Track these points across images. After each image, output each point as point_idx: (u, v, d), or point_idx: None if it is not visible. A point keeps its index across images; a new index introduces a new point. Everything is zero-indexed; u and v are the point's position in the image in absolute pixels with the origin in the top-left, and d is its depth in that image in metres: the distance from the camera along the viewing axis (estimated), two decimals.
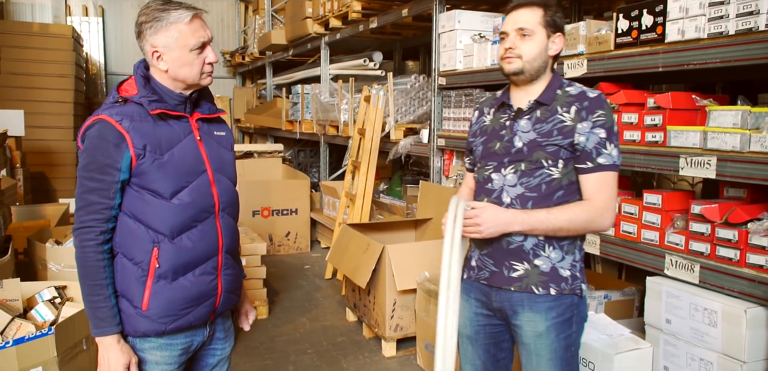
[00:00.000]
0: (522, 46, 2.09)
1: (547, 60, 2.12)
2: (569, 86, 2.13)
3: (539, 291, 2.12)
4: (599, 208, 2.06)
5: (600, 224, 2.09)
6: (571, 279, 2.14)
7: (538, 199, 2.10)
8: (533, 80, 2.13)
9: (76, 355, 2.93)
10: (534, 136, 2.10)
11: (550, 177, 2.09)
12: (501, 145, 2.17)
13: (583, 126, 2.04)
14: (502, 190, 2.15)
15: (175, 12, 1.89)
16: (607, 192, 2.07)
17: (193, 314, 1.99)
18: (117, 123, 1.85)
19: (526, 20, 2.09)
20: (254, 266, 5.03)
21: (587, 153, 2.05)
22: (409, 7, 5.56)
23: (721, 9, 2.66)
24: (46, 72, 8.64)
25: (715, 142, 2.68)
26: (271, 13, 10.22)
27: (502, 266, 2.16)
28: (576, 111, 2.06)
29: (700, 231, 2.81)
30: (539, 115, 2.11)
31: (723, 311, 2.63)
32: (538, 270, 2.12)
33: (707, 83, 4.20)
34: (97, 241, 1.87)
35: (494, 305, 2.23)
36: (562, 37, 2.15)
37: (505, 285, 2.16)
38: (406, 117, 6.08)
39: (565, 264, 2.13)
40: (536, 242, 2.11)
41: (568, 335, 2.16)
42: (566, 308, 2.14)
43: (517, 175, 2.12)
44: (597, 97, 2.08)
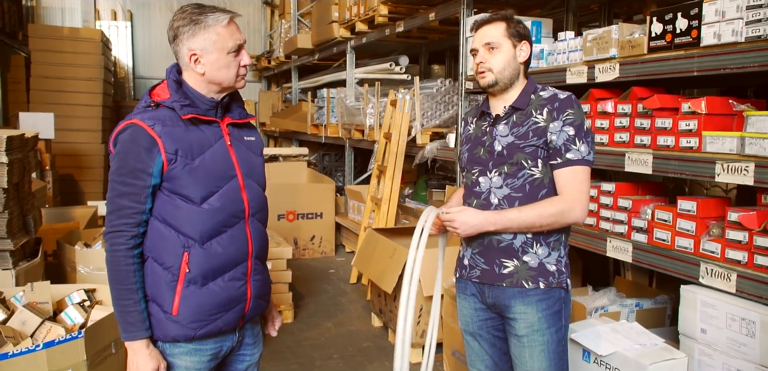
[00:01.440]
0: (491, 59, 2.24)
1: (517, 67, 2.27)
2: (542, 91, 2.28)
3: (529, 285, 2.24)
4: (568, 201, 2.18)
5: (570, 217, 2.20)
6: (557, 273, 2.27)
7: (523, 199, 2.23)
8: (507, 88, 2.28)
9: (105, 359, 2.94)
10: (512, 139, 2.24)
11: (532, 176, 2.22)
12: (484, 150, 2.31)
13: (555, 125, 2.18)
14: (490, 192, 2.29)
15: (212, 15, 1.90)
16: (576, 185, 2.19)
17: (223, 319, 1.98)
18: (149, 127, 1.86)
19: (492, 34, 2.25)
20: (280, 270, 5.03)
21: (557, 149, 2.19)
22: (436, 10, 5.53)
23: (759, 12, 2.60)
24: (76, 75, 8.76)
25: (754, 148, 2.61)
26: (297, 17, 10.26)
27: (493, 264, 2.28)
28: (548, 112, 2.20)
29: (737, 239, 2.74)
30: (515, 119, 2.25)
31: (761, 321, 2.56)
32: (526, 265, 2.24)
33: (739, 87, 4.12)
34: (127, 245, 1.87)
35: (488, 301, 2.35)
36: (529, 44, 2.29)
37: (497, 282, 2.28)
38: (432, 121, 6.05)
39: (551, 259, 2.26)
40: (525, 240, 2.24)
41: (559, 328, 2.29)
42: (555, 301, 2.27)
43: (502, 177, 2.25)
44: (567, 98, 2.22)
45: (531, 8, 5.39)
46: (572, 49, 3.72)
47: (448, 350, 4.02)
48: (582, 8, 5.22)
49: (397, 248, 4.31)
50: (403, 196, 7.12)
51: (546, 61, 4.02)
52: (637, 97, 3.22)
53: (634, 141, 3.20)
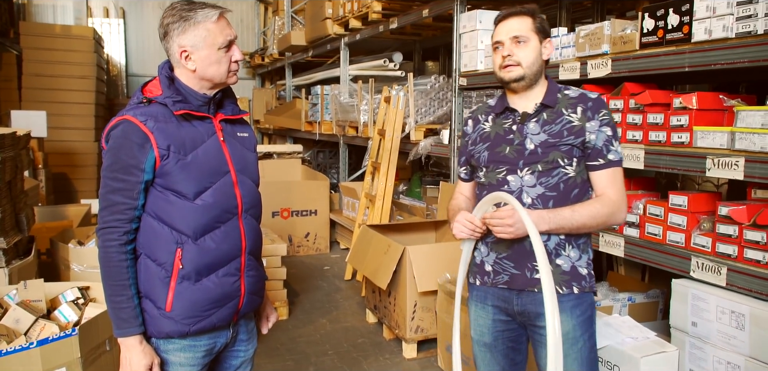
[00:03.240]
0: (519, 53, 2.15)
1: (542, 64, 2.19)
2: (567, 89, 2.21)
3: (563, 290, 2.15)
4: (616, 202, 2.13)
5: (618, 218, 2.16)
6: (588, 277, 2.20)
7: (557, 198, 2.14)
8: (532, 85, 2.18)
9: (100, 356, 2.94)
10: (545, 137, 2.15)
11: (566, 176, 2.14)
12: (511, 148, 2.20)
13: (592, 125, 2.12)
14: (522, 191, 2.17)
15: (202, 11, 1.90)
16: (619, 186, 2.15)
17: (217, 315, 1.99)
18: (141, 123, 1.86)
19: (519, 28, 2.16)
20: (275, 267, 5.03)
21: (598, 150, 2.13)
22: (429, 7, 5.53)
23: (749, 8, 2.61)
24: (68, 73, 8.73)
25: (743, 143, 2.63)
26: (290, 14, 10.24)
27: (524, 268, 2.17)
28: (582, 111, 2.14)
29: (727, 233, 2.76)
30: (546, 117, 2.16)
31: (751, 314, 2.58)
32: (560, 269, 2.16)
33: (731, 83, 4.14)
34: (120, 242, 1.87)
35: (515, 309, 2.22)
36: (551, 43, 2.22)
37: (529, 287, 2.17)
38: (426, 118, 6.06)
39: (582, 262, 2.19)
40: (558, 242, 2.15)
41: (591, 334, 2.21)
42: (587, 306, 2.20)
43: (535, 176, 2.15)
44: (598, 98, 2.16)
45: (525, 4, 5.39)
46: (565, 45, 3.73)
47: (442, 345, 4.03)
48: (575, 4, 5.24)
49: (391, 244, 4.33)
50: (397, 193, 7.13)
51: None
52: (629, 93, 3.24)
53: (626, 136, 3.22)
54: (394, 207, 6.50)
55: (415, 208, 6.27)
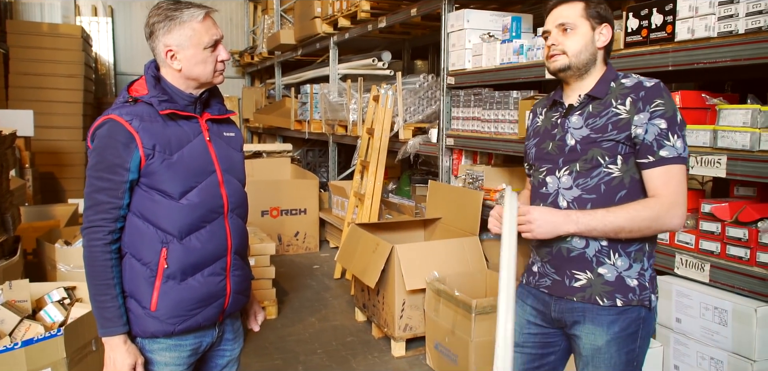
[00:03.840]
0: (565, 41, 2.00)
1: (594, 53, 2.02)
2: (625, 78, 2.01)
3: (604, 303, 1.98)
4: (665, 204, 1.89)
5: (667, 222, 1.92)
6: (639, 289, 1.99)
7: (597, 201, 1.97)
8: (582, 75, 2.03)
9: (86, 356, 2.94)
10: (587, 132, 1.98)
11: (609, 175, 1.96)
12: (553, 144, 2.07)
13: (641, 117, 1.90)
14: (558, 194, 2.04)
15: (188, 10, 1.90)
16: (673, 186, 1.90)
17: (202, 315, 1.99)
18: (127, 122, 1.86)
19: (567, 15, 2.01)
20: (263, 266, 5.03)
21: (647, 146, 1.91)
22: (417, 6, 5.55)
23: (730, 8, 2.65)
24: (56, 72, 8.67)
25: (726, 141, 2.66)
26: (280, 13, 10.23)
27: (564, 275, 2.05)
28: (632, 102, 1.93)
29: (710, 230, 2.79)
30: (591, 109, 2.00)
31: (733, 310, 2.61)
32: (602, 279, 1.99)
33: (717, 82, 4.17)
34: (105, 241, 1.87)
35: (552, 315, 2.12)
36: (610, 28, 2.03)
37: (567, 295, 2.04)
38: (415, 116, 6.07)
39: (632, 272, 1.99)
40: (599, 248, 1.98)
41: (631, 350, 2.01)
42: (631, 321, 1.99)
43: (573, 177, 2.00)
44: (655, 86, 1.94)
45: (512, 4, 5.42)
46: None
47: (430, 343, 4.05)
48: None
49: (380, 243, 4.34)
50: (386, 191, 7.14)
51: (526, 56, 4.06)
52: None
53: None
54: (383, 205, 6.51)
55: (404, 207, 6.28)
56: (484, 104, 4.56)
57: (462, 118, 4.88)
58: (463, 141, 4.84)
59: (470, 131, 4.76)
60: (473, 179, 4.84)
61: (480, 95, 4.63)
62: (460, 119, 4.90)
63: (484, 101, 4.57)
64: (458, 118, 4.93)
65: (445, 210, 5.01)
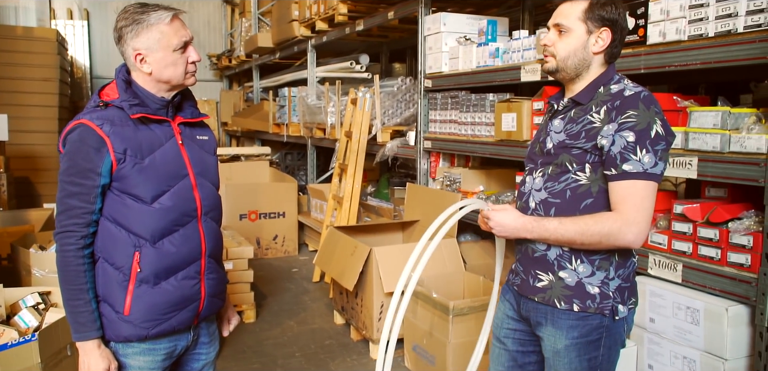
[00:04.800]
0: (556, 44, 1.98)
1: (587, 58, 1.96)
2: (615, 83, 1.96)
3: (562, 306, 1.98)
4: (620, 221, 1.84)
5: (620, 239, 1.86)
6: (600, 297, 1.96)
7: (561, 206, 1.97)
8: (574, 79, 2.00)
9: (60, 361, 2.91)
10: (563, 137, 1.97)
11: (576, 182, 1.95)
12: (539, 146, 2.09)
13: (609, 128, 1.86)
14: (530, 195, 2.07)
15: (155, 13, 1.90)
16: (632, 202, 1.84)
17: (177, 318, 1.99)
18: (98, 127, 1.85)
19: (566, 14, 1.96)
20: (241, 270, 5.01)
21: (612, 158, 1.86)
22: (395, 9, 5.56)
23: (700, 11, 2.69)
24: (31, 76, 8.57)
25: (697, 143, 2.71)
26: (257, 16, 10.21)
27: (529, 274, 2.08)
28: (606, 111, 1.89)
29: (682, 230, 2.83)
30: (573, 115, 1.98)
31: (705, 309, 2.65)
32: (562, 282, 1.99)
33: (690, 84, 4.24)
34: (77, 246, 1.87)
35: (522, 313, 2.15)
36: (611, 32, 1.95)
37: (531, 295, 2.07)
38: (393, 119, 6.09)
39: (594, 280, 1.96)
40: (560, 253, 1.98)
41: (593, 357, 2.00)
42: (592, 329, 1.97)
43: (544, 179, 2.02)
44: (632, 96, 1.88)
45: (488, 7, 5.46)
46: (526, 47, 3.79)
47: (408, 345, 4.06)
48: (538, 7, 5.30)
49: (357, 245, 4.34)
50: (364, 194, 7.14)
51: (501, 59, 4.09)
52: None
53: None
54: (362, 208, 6.52)
55: (383, 209, 6.29)
56: (461, 107, 4.59)
57: (439, 121, 4.90)
58: (441, 143, 4.86)
59: (447, 134, 4.79)
60: (451, 181, 4.86)
61: (457, 98, 4.66)
62: (438, 122, 4.92)
63: (461, 104, 4.59)
64: (436, 120, 4.96)
65: (424, 212, 5.03)
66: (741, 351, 2.60)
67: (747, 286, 2.52)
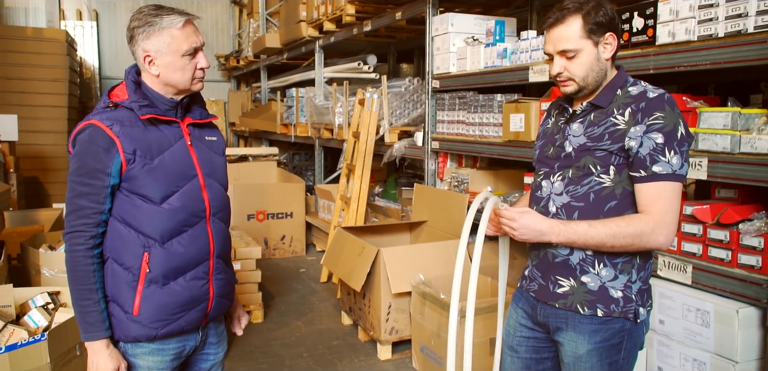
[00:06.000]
0: (571, 67, 1.94)
1: (603, 67, 1.95)
2: (632, 86, 1.96)
3: (585, 311, 1.97)
4: (650, 222, 1.85)
5: (652, 241, 1.87)
6: (623, 301, 1.95)
7: (585, 210, 1.95)
8: (595, 90, 1.98)
9: (70, 361, 2.92)
10: (584, 140, 1.95)
11: (600, 185, 1.93)
12: (554, 149, 2.06)
13: (636, 130, 1.85)
14: (549, 199, 2.03)
15: (168, 17, 1.90)
16: (663, 204, 1.85)
17: (185, 318, 1.99)
18: (107, 128, 1.86)
19: (567, 37, 1.93)
20: (249, 270, 5.02)
21: (641, 160, 1.86)
22: (402, 10, 5.56)
23: (710, 11, 2.68)
24: (40, 76, 8.62)
25: (706, 144, 2.69)
26: (265, 17, 10.22)
27: (549, 280, 2.05)
28: (631, 113, 1.88)
29: (692, 232, 2.82)
30: (593, 118, 1.96)
31: (715, 311, 2.64)
32: (584, 287, 1.97)
33: (699, 84, 4.22)
34: (86, 246, 1.87)
35: (539, 319, 2.12)
36: (614, 35, 1.95)
37: (551, 301, 2.04)
38: (401, 120, 6.08)
39: (617, 283, 1.95)
40: (584, 257, 1.96)
41: (614, 361, 1.99)
42: (615, 333, 1.96)
43: (564, 183, 1.99)
44: (657, 98, 1.88)
45: (496, 7, 5.45)
46: (535, 47, 3.78)
47: (416, 346, 4.06)
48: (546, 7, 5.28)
49: (365, 246, 4.34)
50: (372, 195, 7.14)
51: (510, 60, 4.08)
52: None
53: None
54: (370, 209, 6.52)
55: (390, 210, 6.29)
56: (468, 107, 4.58)
57: (447, 122, 4.90)
58: (449, 144, 4.86)
59: (455, 134, 4.78)
60: (458, 182, 4.86)
61: (465, 98, 4.65)
62: (445, 122, 4.92)
63: (468, 104, 4.59)
64: (443, 121, 4.95)
65: (431, 213, 5.02)
66: (752, 353, 2.58)
67: (758, 288, 2.50)
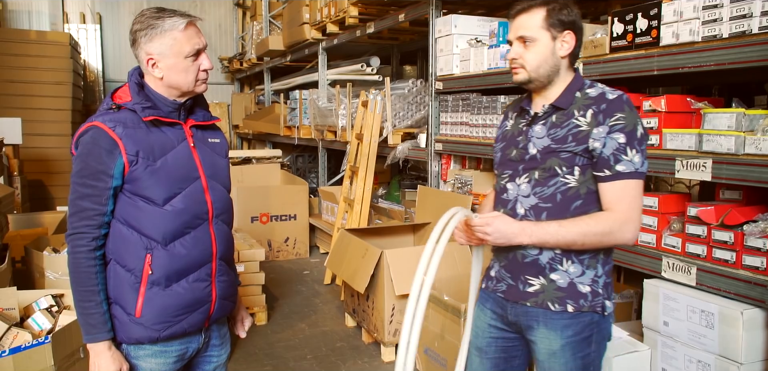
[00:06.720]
0: (525, 55, 2.00)
1: (557, 63, 2.00)
2: (590, 88, 2.01)
3: (555, 308, 2.01)
4: (618, 220, 1.92)
5: (619, 237, 1.94)
6: (591, 295, 2.01)
7: (553, 210, 1.99)
8: (547, 85, 2.03)
9: (74, 364, 2.92)
10: (548, 142, 1.99)
11: (565, 185, 1.98)
12: (517, 152, 2.09)
13: (600, 131, 1.91)
14: (517, 201, 2.07)
15: (170, 19, 1.90)
16: (628, 202, 1.92)
17: (188, 321, 1.99)
18: (110, 129, 1.86)
19: (527, 25, 1.99)
20: (253, 272, 5.02)
21: (604, 160, 1.92)
22: (405, 12, 5.56)
23: (714, 12, 2.67)
24: (44, 79, 8.64)
25: (711, 145, 2.68)
26: (268, 19, 10.23)
27: (518, 280, 2.08)
28: (593, 114, 1.93)
29: (696, 233, 2.81)
30: (555, 119, 2.00)
31: (720, 313, 2.63)
32: (554, 285, 2.01)
33: (703, 86, 4.21)
34: (89, 247, 1.87)
35: (510, 318, 2.14)
36: (574, 35, 2.00)
37: (521, 300, 2.07)
38: (404, 121, 6.08)
39: (584, 279, 2.01)
40: (553, 255, 2.01)
41: (586, 355, 2.04)
42: (584, 326, 2.02)
43: (531, 185, 2.02)
44: (616, 99, 1.93)
45: (499, 9, 5.44)
46: None
47: (420, 348, 4.05)
48: None
49: (368, 248, 4.33)
50: (376, 197, 7.14)
51: None
52: None
53: None
54: (373, 211, 6.52)
55: (394, 212, 6.29)
56: (472, 109, 4.58)
57: (450, 123, 4.89)
58: (452, 146, 4.85)
59: (459, 136, 4.77)
60: (462, 184, 4.85)
61: (468, 100, 4.65)
62: (449, 124, 4.92)
63: (472, 106, 4.58)
64: (447, 122, 4.95)
65: (435, 214, 5.01)
66: (756, 355, 2.57)
67: (762, 290, 2.49)
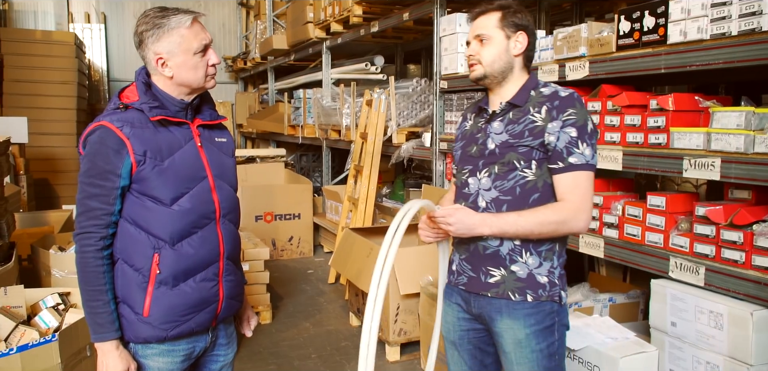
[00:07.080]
0: (481, 51, 2.12)
1: (510, 61, 2.12)
2: (544, 87, 2.13)
3: (516, 298, 2.09)
4: (572, 209, 2.03)
5: (573, 226, 2.05)
6: (549, 285, 2.10)
7: (513, 202, 2.08)
8: (501, 82, 2.14)
9: (80, 362, 2.93)
10: (506, 137, 2.09)
11: (524, 179, 2.07)
12: (476, 148, 2.18)
13: (554, 125, 2.02)
14: (478, 194, 2.15)
15: (175, 17, 1.89)
16: (580, 192, 2.04)
17: (195, 320, 1.98)
18: (118, 129, 1.85)
19: (483, 25, 2.13)
20: (257, 271, 5.02)
21: (558, 153, 2.03)
22: (409, 10, 5.55)
23: (723, 10, 2.65)
24: (49, 79, 8.67)
25: (719, 144, 2.67)
26: (272, 18, 10.23)
27: (479, 271, 2.15)
28: (547, 110, 2.05)
29: (704, 233, 2.79)
30: (511, 116, 2.11)
31: (729, 313, 2.61)
32: (514, 275, 2.09)
33: (710, 84, 4.18)
34: (96, 247, 1.87)
35: (474, 311, 2.21)
36: (526, 36, 2.12)
37: (483, 291, 2.14)
38: (408, 120, 6.07)
39: (542, 270, 2.10)
40: (512, 247, 2.09)
41: (551, 343, 2.12)
42: (546, 315, 2.10)
43: (492, 178, 2.11)
44: (568, 96, 2.06)
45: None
46: (543, 47, 3.76)
47: (425, 347, 4.04)
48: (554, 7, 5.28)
49: (373, 247, 4.33)
50: (380, 196, 7.14)
51: None
52: (607, 95, 3.27)
53: (604, 138, 3.24)
54: (377, 210, 6.51)
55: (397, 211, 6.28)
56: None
57: (455, 122, 4.88)
58: None
59: None
60: None
61: (473, 99, 4.63)
62: (453, 123, 4.90)
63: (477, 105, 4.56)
64: (451, 122, 4.94)
65: None
66: (766, 356, 2.54)
67: None
